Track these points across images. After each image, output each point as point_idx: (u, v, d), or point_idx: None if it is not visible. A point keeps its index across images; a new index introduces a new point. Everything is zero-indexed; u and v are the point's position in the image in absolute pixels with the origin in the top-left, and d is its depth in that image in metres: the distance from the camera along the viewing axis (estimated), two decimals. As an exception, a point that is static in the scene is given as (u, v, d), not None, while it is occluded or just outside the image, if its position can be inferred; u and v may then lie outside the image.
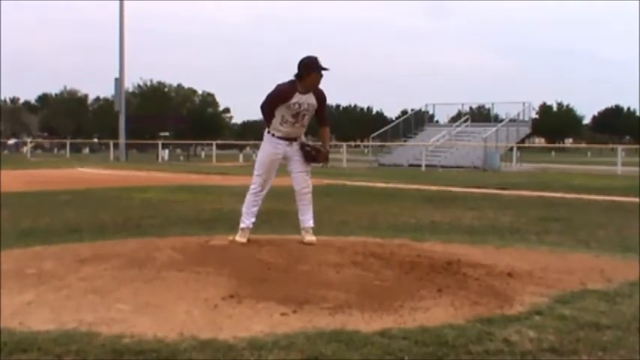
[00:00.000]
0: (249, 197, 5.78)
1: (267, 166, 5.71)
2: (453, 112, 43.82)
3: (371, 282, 4.52)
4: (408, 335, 3.46)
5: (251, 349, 3.24)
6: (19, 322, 3.66)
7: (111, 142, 43.65)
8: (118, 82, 40.90)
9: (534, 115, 60.09)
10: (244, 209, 5.77)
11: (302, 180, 5.73)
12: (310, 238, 5.68)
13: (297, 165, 5.72)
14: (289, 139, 5.66)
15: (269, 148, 5.71)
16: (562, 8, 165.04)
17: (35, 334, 3.44)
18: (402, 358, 3.18)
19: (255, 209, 5.77)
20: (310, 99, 5.53)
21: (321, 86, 5.59)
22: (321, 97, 5.59)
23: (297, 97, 5.50)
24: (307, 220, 5.75)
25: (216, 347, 3.28)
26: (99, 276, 4.60)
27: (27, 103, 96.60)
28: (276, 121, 5.60)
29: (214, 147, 43.07)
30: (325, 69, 5.45)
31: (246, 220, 5.74)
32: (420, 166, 30.85)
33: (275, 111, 5.57)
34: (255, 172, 5.78)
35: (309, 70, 5.43)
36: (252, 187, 5.77)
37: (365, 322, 3.72)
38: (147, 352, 3.19)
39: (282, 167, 5.84)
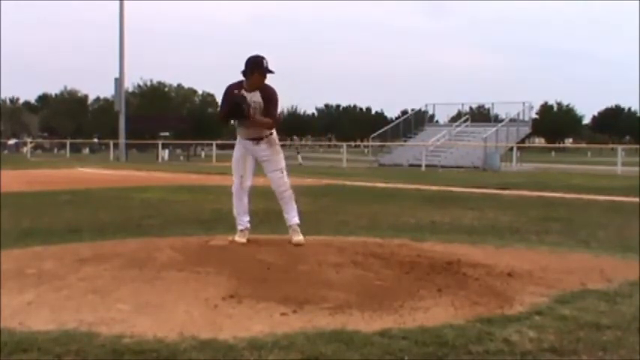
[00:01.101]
0: (234, 198, 5.88)
1: (238, 164, 5.84)
2: (453, 112, 43.86)
3: (371, 282, 4.52)
4: (408, 335, 3.46)
5: (251, 349, 3.24)
6: (19, 322, 3.66)
7: (111, 142, 43.64)
8: (118, 82, 40.89)
9: (534, 115, 60.09)
10: (235, 212, 5.85)
11: (276, 179, 5.81)
12: (298, 238, 5.68)
13: (267, 165, 5.81)
14: (254, 139, 5.74)
15: (238, 147, 5.89)
16: (562, 8, 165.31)
17: (35, 334, 3.44)
18: (402, 358, 3.18)
19: (245, 207, 5.82)
20: (256, 96, 5.61)
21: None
22: (267, 95, 5.62)
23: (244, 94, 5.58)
24: (292, 217, 5.79)
25: (216, 347, 3.28)
26: (99, 276, 4.60)
27: (27, 103, 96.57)
28: (235, 123, 5.77)
29: (214, 147, 42.97)
30: (270, 72, 5.52)
31: (242, 222, 5.79)
32: (420, 166, 30.83)
33: None
34: (233, 172, 5.91)
35: (253, 69, 5.52)
36: (233, 187, 5.90)
37: (365, 322, 3.72)
38: (147, 352, 3.19)
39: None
